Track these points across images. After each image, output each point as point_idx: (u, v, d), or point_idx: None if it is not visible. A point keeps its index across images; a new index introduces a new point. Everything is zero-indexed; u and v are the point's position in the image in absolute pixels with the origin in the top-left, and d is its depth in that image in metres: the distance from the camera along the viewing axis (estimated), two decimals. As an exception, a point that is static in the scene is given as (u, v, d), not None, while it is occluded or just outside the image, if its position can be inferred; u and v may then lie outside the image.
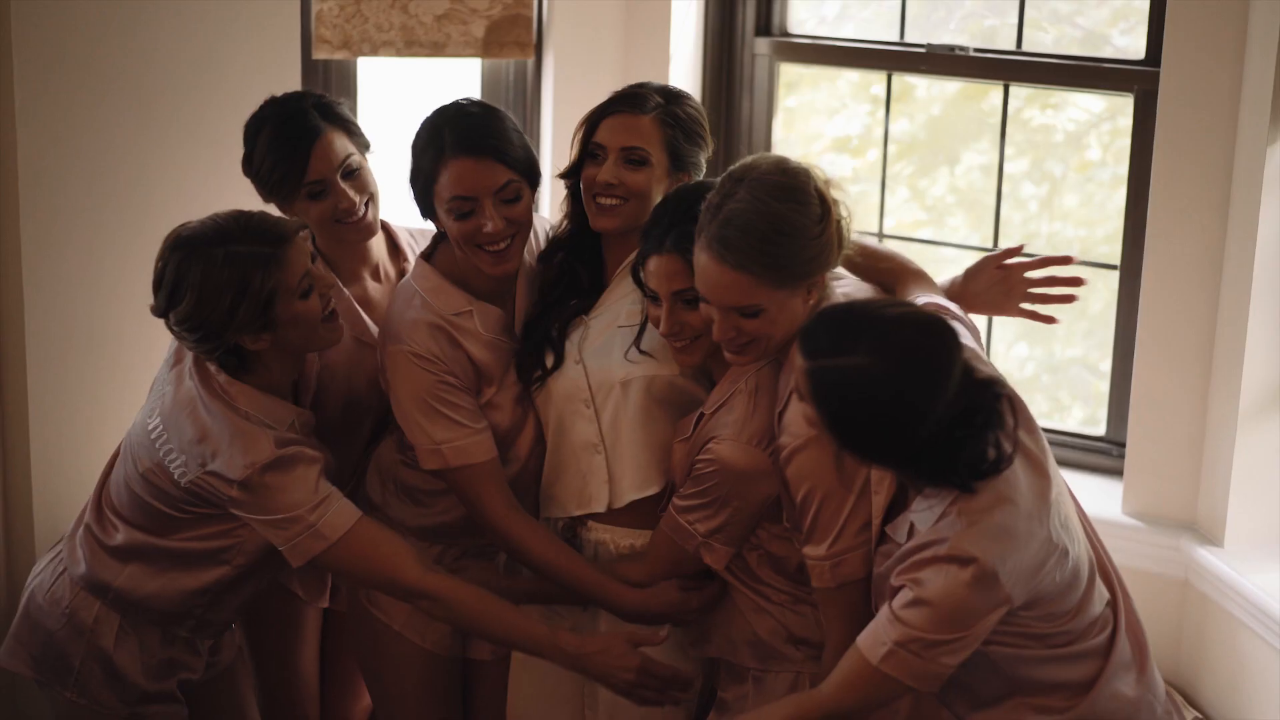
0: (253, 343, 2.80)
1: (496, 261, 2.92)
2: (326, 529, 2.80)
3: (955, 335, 2.43)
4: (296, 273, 2.78)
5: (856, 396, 2.37)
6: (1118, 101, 4.36)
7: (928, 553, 2.40)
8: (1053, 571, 2.42)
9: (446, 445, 2.92)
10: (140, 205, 3.64)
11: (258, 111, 3.14)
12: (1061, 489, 2.53)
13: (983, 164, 4.73)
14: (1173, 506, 3.86)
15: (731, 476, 2.75)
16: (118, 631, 2.95)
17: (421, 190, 2.94)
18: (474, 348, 2.97)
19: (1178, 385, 3.81)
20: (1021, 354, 5.14)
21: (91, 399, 3.64)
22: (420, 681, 3.17)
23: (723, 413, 2.79)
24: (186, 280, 2.74)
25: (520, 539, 2.96)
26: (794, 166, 2.65)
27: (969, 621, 2.38)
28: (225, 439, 2.78)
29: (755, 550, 2.84)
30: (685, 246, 2.70)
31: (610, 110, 2.97)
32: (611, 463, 2.96)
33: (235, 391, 2.83)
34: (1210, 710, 3.71)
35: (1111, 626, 2.55)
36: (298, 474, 2.79)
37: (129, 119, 3.63)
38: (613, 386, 2.93)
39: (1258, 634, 3.53)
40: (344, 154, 3.07)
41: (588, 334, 2.98)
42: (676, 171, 2.97)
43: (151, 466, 2.86)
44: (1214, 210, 3.70)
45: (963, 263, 3.24)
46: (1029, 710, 2.53)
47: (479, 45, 4.20)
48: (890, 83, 4.43)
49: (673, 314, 2.76)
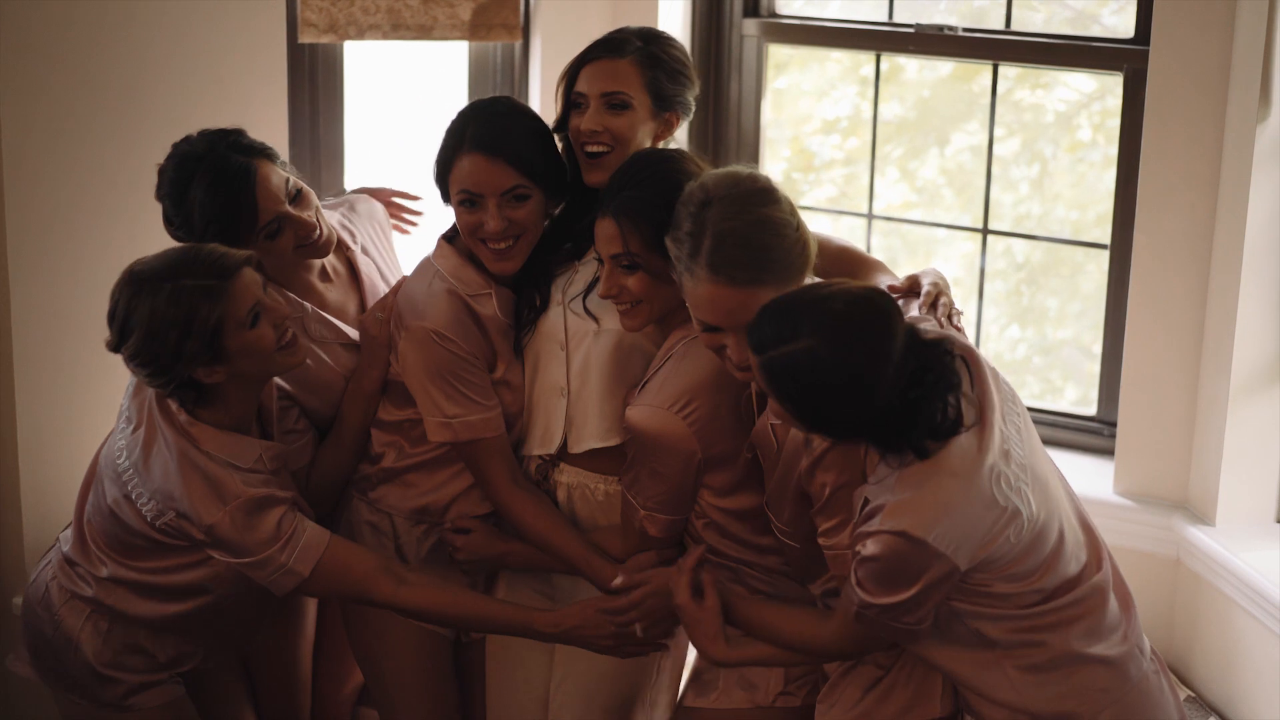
0: (207, 376, 2.82)
1: (498, 258, 2.94)
2: (299, 565, 2.87)
3: (892, 303, 2.49)
4: (244, 304, 2.80)
5: (809, 379, 2.42)
6: (1108, 81, 4.36)
7: (870, 524, 2.47)
8: (1003, 533, 2.46)
9: (457, 420, 2.96)
10: (125, 198, 3.61)
11: (171, 173, 2.99)
12: (1011, 446, 2.53)
13: (973, 145, 4.72)
14: (1164, 486, 3.86)
15: (643, 440, 2.76)
16: (105, 635, 2.99)
17: (439, 175, 2.98)
18: (490, 328, 2.99)
19: (1169, 364, 3.81)
20: (1014, 336, 5.14)
21: (79, 396, 3.62)
22: (417, 662, 3.19)
23: (652, 378, 2.81)
24: (134, 317, 2.77)
25: (519, 514, 3.00)
26: (746, 172, 2.66)
27: (907, 584, 2.45)
28: (194, 484, 2.82)
29: (701, 518, 2.86)
30: (624, 211, 2.73)
31: (589, 58, 2.98)
32: (573, 408, 2.98)
33: (197, 432, 2.85)
34: (1203, 688, 3.71)
35: (1091, 583, 2.57)
36: (266, 516, 2.84)
37: (111, 105, 3.60)
38: (587, 334, 2.96)
39: (1249, 612, 3.53)
40: (282, 182, 3.01)
41: (574, 279, 3.00)
42: (662, 112, 2.97)
43: (119, 498, 2.89)
44: (1204, 188, 3.69)
45: (954, 244, 3.24)
46: (1011, 666, 2.56)
47: (466, 28, 4.18)
48: (879, 64, 4.42)
49: (611, 277, 2.78)
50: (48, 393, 3.59)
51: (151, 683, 3.05)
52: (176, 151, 3.01)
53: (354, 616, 3.22)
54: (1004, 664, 2.57)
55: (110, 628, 2.98)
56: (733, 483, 2.81)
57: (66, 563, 3.01)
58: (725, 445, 2.77)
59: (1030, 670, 2.56)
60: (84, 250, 3.56)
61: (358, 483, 3.17)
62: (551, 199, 2.97)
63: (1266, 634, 3.48)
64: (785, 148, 4.94)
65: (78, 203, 3.58)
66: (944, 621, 2.55)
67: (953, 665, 2.62)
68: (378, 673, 3.24)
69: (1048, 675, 2.55)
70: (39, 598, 3.04)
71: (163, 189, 3.00)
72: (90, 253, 3.57)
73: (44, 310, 3.55)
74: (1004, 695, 2.58)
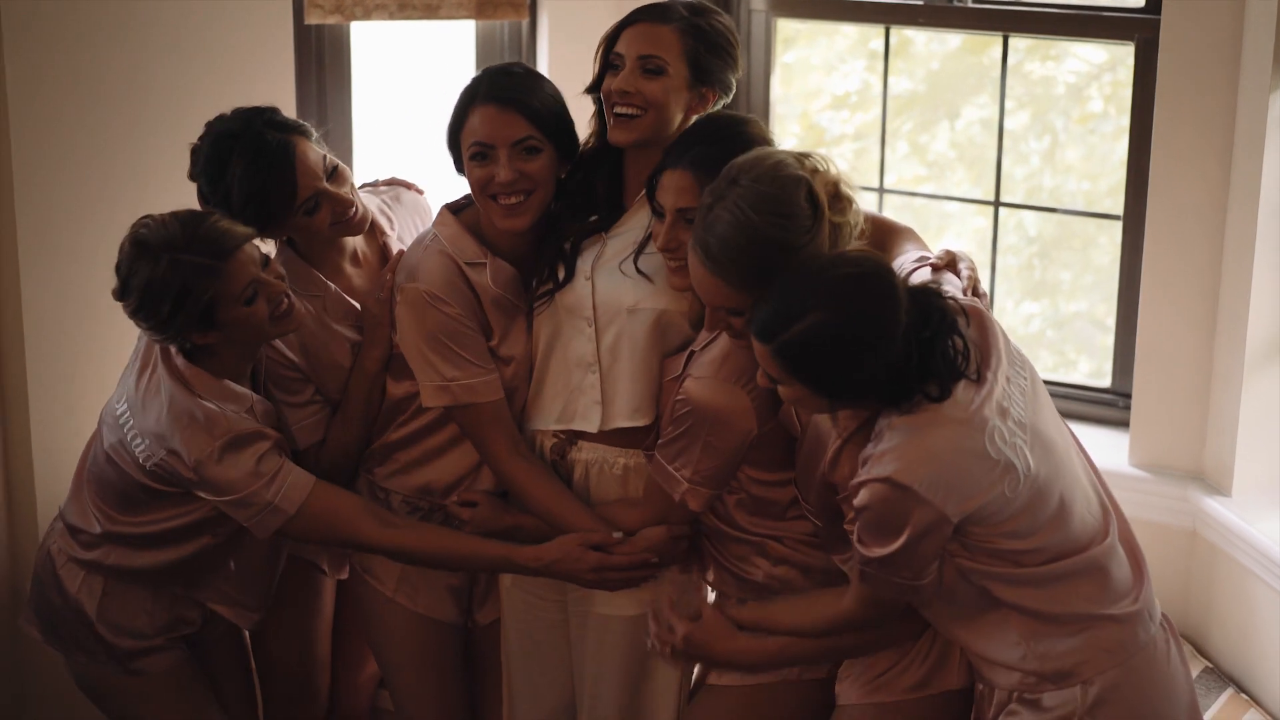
0: (200, 339, 2.90)
1: (508, 214, 2.93)
2: (285, 503, 2.92)
3: (879, 258, 2.54)
4: (240, 282, 2.85)
5: (827, 350, 2.45)
6: (1119, 52, 4.33)
7: (860, 475, 2.50)
8: (995, 486, 2.46)
9: (455, 383, 2.95)
10: (131, 178, 3.61)
11: (207, 151, 2.99)
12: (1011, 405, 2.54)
13: (983, 118, 4.71)
14: (1179, 457, 3.85)
15: (704, 414, 2.75)
16: (102, 597, 3.06)
17: (452, 137, 2.98)
18: (484, 298, 2.98)
19: (1183, 335, 3.79)
20: (1028, 310, 5.13)
21: (91, 374, 3.62)
22: (417, 647, 3.20)
23: (707, 350, 2.79)
24: (133, 280, 2.85)
25: (521, 482, 3.00)
26: (787, 174, 2.60)
27: (895, 532, 2.46)
28: (184, 421, 2.88)
29: (736, 494, 2.86)
30: (701, 167, 2.70)
31: (632, 20, 2.95)
32: (605, 385, 2.96)
33: (192, 375, 2.92)
34: (1219, 659, 3.71)
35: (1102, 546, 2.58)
36: (251, 452, 2.89)
37: (118, 87, 3.60)
38: (619, 310, 2.94)
39: (1266, 582, 3.52)
40: (319, 159, 3.02)
41: (603, 253, 2.97)
42: (698, 85, 2.93)
43: (115, 443, 2.97)
44: (1217, 158, 3.67)
45: (966, 218, 3.23)
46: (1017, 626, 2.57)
47: (473, 7, 4.17)
48: (889, 37, 4.40)
49: (672, 229, 2.76)
50: (59, 372, 3.60)
51: (155, 647, 3.12)
52: (211, 130, 3.01)
53: (356, 598, 3.24)
54: (1010, 623, 2.57)
55: (106, 588, 3.06)
56: (775, 459, 2.81)
57: (65, 526, 3.10)
58: (773, 421, 2.77)
59: (1036, 629, 2.56)
60: (92, 230, 3.56)
61: (363, 460, 3.17)
62: (563, 159, 2.96)
63: (1284, 604, 3.47)
64: (795, 123, 4.92)
65: (85, 183, 3.58)
66: (951, 582, 2.56)
67: (961, 630, 2.63)
68: (382, 660, 3.26)
69: (1054, 635, 2.56)
70: (42, 561, 3.13)
71: (198, 167, 3.01)
72: (97, 232, 3.56)
73: (53, 289, 3.56)
74: (1010, 656, 2.58)
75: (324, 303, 3.10)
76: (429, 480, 3.12)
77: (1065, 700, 2.56)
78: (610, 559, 2.92)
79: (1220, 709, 3.53)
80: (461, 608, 3.24)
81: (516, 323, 3.02)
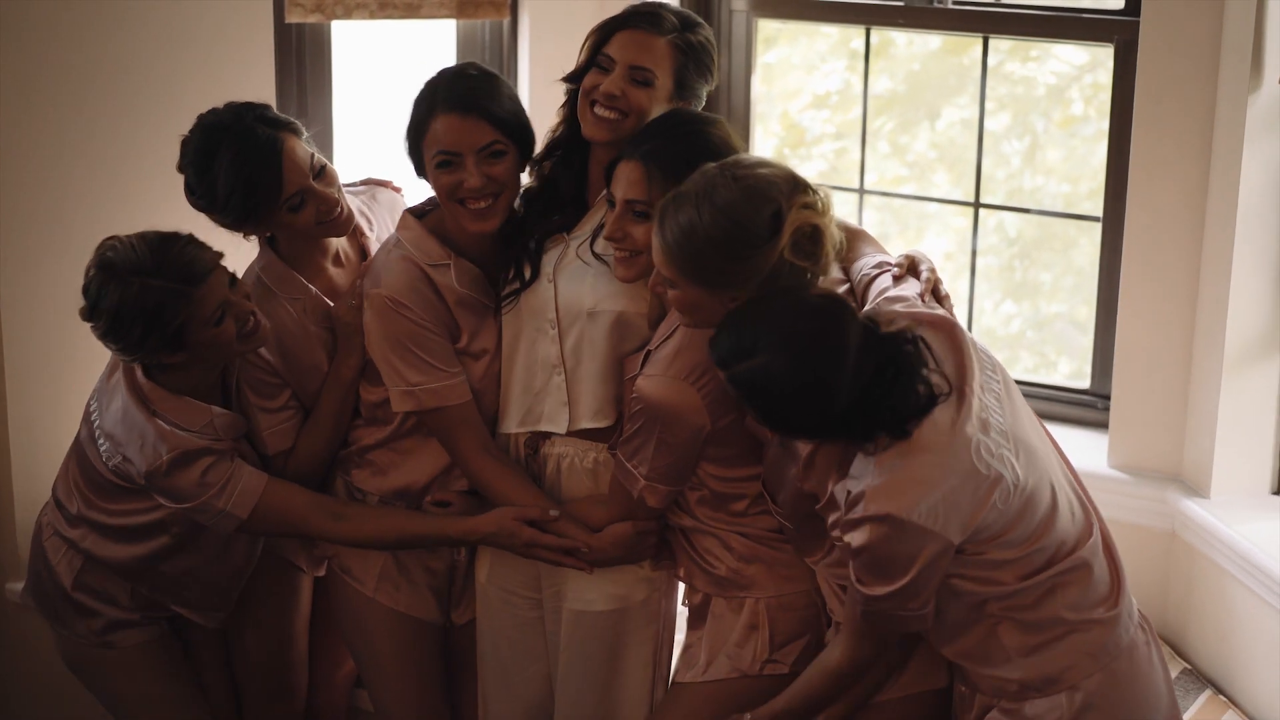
0: (168, 358, 2.94)
1: (477, 217, 2.95)
2: (237, 509, 3.00)
3: (844, 306, 2.54)
4: (210, 305, 2.90)
5: (772, 392, 2.48)
6: (1099, 54, 4.34)
7: (854, 513, 2.50)
8: (988, 500, 2.47)
9: (420, 388, 2.96)
10: (113, 177, 3.60)
11: (196, 142, 3.00)
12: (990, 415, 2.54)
13: (964, 119, 4.71)
14: (1158, 458, 3.86)
15: (656, 411, 2.77)
16: (78, 571, 3.13)
17: (413, 144, 2.98)
18: (449, 299, 2.99)
19: (1162, 337, 3.80)
20: (1008, 311, 5.14)
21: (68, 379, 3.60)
22: (395, 646, 3.20)
23: (661, 348, 2.81)
24: (102, 304, 2.88)
25: (490, 482, 3.01)
26: (765, 192, 2.59)
27: (904, 568, 2.47)
28: (135, 434, 2.95)
29: (698, 490, 2.87)
30: (653, 158, 2.74)
31: (628, 24, 2.95)
32: (571, 386, 2.98)
33: (150, 390, 2.97)
34: (1198, 661, 3.71)
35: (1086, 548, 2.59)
36: (197, 466, 2.96)
37: (99, 85, 3.59)
38: (580, 314, 2.95)
39: (1245, 585, 3.53)
40: (307, 156, 3.02)
41: (566, 254, 2.99)
42: (678, 98, 2.96)
43: (86, 437, 3.05)
44: (1196, 160, 3.68)
45: (946, 219, 3.23)
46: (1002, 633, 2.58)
47: (454, 6, 4.16)
48: (869, 37, 4.40)
49: (621, 219, 2.79)
50: (36, 376, 3.59)
51: (131, 621, 3.18)
52: (202, 122, 3.03)
53: (334, 596, 3.25)
54: (997, 631, 2.57)
55: (83, 565, 3.13)
56: (736, 455, 2.82)
57: (54, 499, 3.18)
58: (731, 418, 2.77)
59: (1020, 636, 2.57)
60: (72, 231, 3.55)
61: (341, 462, 3.16)
62: (524, 158, 2.98)
63: (1262, 606, 3.47)
64: (775, 123, 4.92)
65: (66, 183, 3.57)
66: (941, 597, 2.56)
67: (948, 639, 2.63)
68: (362, 659, 3.26)
69: (1037, 641, 2.57)
70: (35, 533, 3.22)
71: (186, 158, 3.02)
72: (78, 233, 3.54)
73: (32, 291, 3.55)
74: (997, 662, 2.59)
75: (304, 305, 3.10)
76: (406, 482, 3.12)
77: (1051, 707, 2.56)
78: (542, 537, 2.95)
79: (1199, 710, 3.54)
80: (442, 607, 3.24)
81: (486, 321, 3.04)
